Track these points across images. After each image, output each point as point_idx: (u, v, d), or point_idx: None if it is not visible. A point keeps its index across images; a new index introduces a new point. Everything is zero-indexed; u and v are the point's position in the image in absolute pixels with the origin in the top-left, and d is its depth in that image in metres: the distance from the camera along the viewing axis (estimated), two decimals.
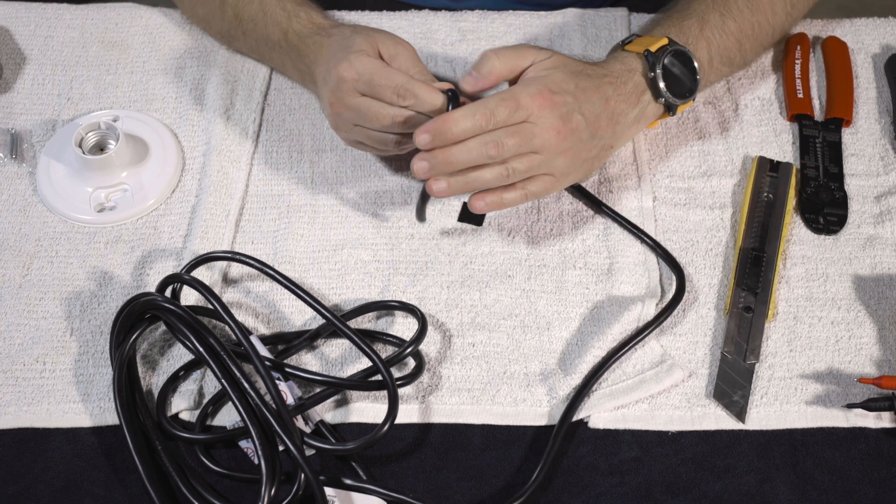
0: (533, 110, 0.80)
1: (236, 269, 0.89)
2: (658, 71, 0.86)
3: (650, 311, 0.86)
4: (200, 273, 0.86)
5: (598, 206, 0.92)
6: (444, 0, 1.09)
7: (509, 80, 0.86)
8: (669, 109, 0.89)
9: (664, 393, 0.82)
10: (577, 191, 0.92)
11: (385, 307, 0.86)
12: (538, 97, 0.81)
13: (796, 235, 0.91)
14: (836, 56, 1.01)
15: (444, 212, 0.92)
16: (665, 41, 0.87)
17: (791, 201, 0.91)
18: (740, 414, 0.80)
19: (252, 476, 0.76)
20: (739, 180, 0.94)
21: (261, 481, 0.72)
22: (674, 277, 0.87)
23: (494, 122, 0.80)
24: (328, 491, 0.74)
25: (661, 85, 0.86)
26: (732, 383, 0.82)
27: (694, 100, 0.90)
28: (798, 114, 0.98)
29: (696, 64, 0.89)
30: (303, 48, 0.92)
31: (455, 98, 0.83)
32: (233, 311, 0.82)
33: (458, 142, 0.80)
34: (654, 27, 0.92)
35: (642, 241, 0.90)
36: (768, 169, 0.93)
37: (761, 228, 0.89)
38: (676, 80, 0.88)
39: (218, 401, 0.81)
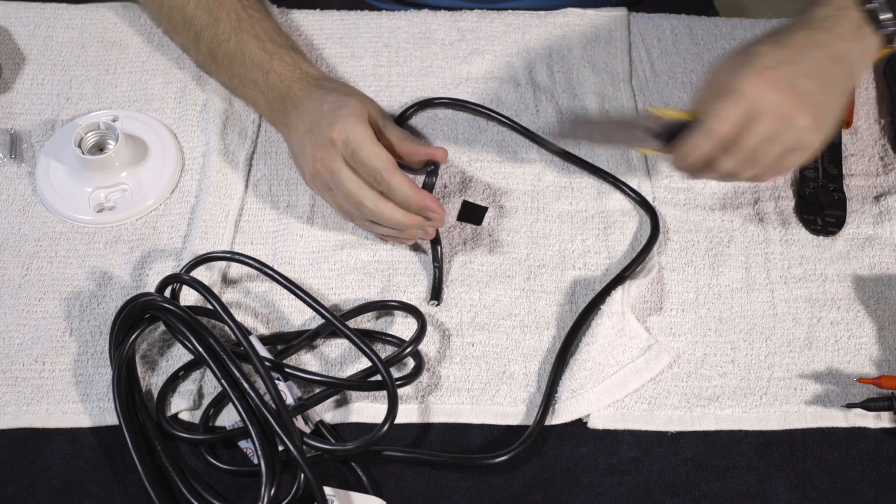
0: (756, 96, 0.77)
1: (236, 270, 0.89)
2: (875, 3, 0.80)
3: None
4: (200, 273, 0.86)
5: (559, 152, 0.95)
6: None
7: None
8: (891, 41, 0.82)
9: (664, 393, 0.82)
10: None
11: (384, 307, 0.86)
12: (757, 80, 0.77)
13: (795, 236, 0.91)
14: None
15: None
16: None
17: None
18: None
19: (256, 469, 0.76)
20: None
21: (260, 481, 0.72)
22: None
23: (730, 129, 0.78)
24: (328, 490, 0.74)
25: (882, 13, 0.81)
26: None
27: None
28: None
29: None
30: (286, 91, 0.91)
31: (435, 172, 0.84)
32: (232, 311, 0.82)
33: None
34: None
35: (608, 182, 0.92)
36: None
37: None
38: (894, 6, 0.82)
39: (219, 402, 0.80)
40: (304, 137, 0.87)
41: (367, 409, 0.81)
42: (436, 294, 0.86)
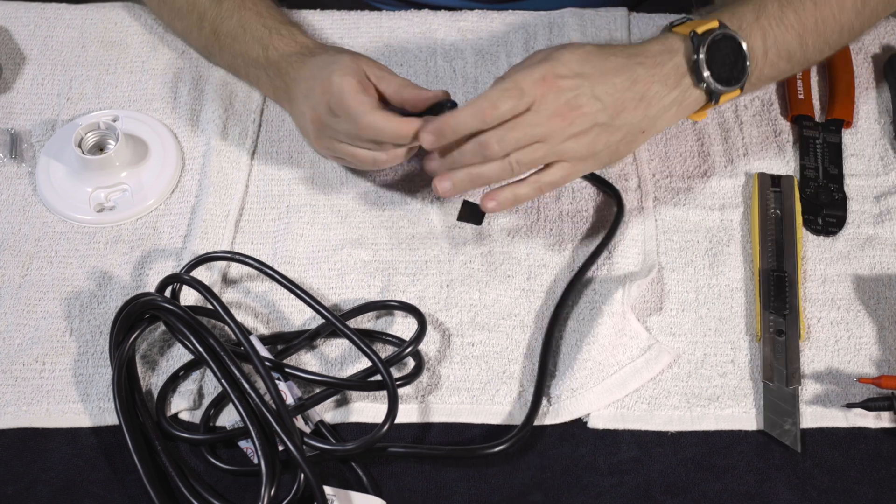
0: (536, 97, 0.78)
1: (236, 270, 0.89)
2: (701, 56, 0.81)
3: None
4: (200, 273, 0.86)
5: None
6: None
7: None
8: (711, 97, 0.83)
9: (664, 392, 0.82)
10: None
11: (384, 307, 0.86)
12: (541, 83, 0.79)
13: None
14: (838, 57, 1.01)
15: (444, 211, 0.92)
16: (715, 24, 0.83)
17: (799, 215, 0.90)
18: (795, 442, 0.79)
19: (256, 469, 0.76)
20: (739, 181, 0.94)
21: (260, 481, 0.72)
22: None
23: (498, 116, 0.78)
24: (328, 490, 0.74)
25: (704, 69, 0.82)
26: (780, 412, 0.80)
27: (742, 90, 0.84)
28: (798, 115, 0.98)
29: (746, 51, 0.83)
30: (283, 65, 0.91)
31: (454, 106, 0.83)
32: (232, 311, 0.82)
33: (462, 139, 0.80)
34: (708, 13, 0.87)
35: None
36: (770, 184, 0.92)
37: (776, 246, 0.88)
38: (722, 67, 0.83)
39: (220, 402, 0.80)
40: (303, 104, 0.88)
41: (368, 409, 0.81)
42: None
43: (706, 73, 0.82)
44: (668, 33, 0.85)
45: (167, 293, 0.83)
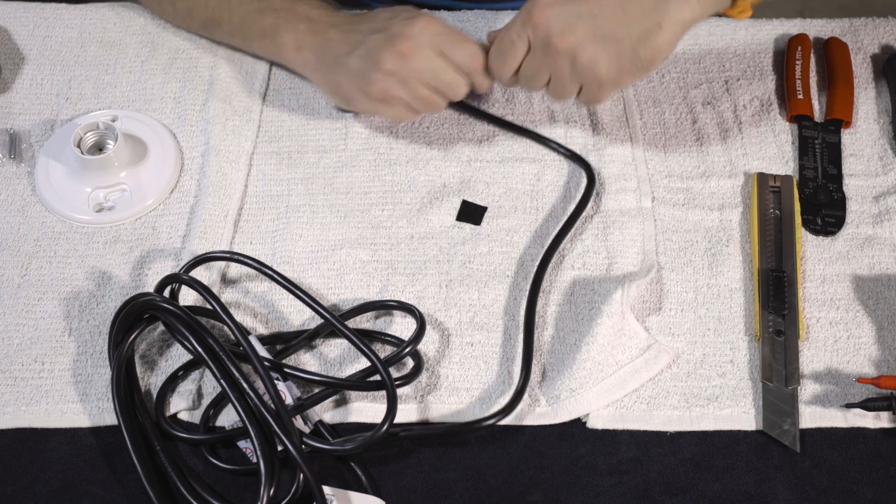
0: (528, 41, 0.84)
1: (235, 270, 0.89)
2: None
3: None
4: (199, 273, 0.86)
5: (487, 117, 0.98)
6: None
7: None
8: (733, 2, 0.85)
9: (663, 393, 0.82)
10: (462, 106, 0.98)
11: (383, 307, 0.86)
12: (544, 8, 0.82)
13: None
14: (838, 58, 1.01)
15: (443, 211, 0.92)
16: None
17: (798, 215, 0.90)
18: (794, 442, 0.79)
19: (255, 468, 0.76)
20: (738, 181, 0.94)
21: (260, 481, 0.72)
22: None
23: (511, 69, 0.86)
24: (327, 490, 0.74)
25: None
26: (779, 412, 0.80)
27: None
28: (798, 115, 0.98)
29: None
30: (320, 16, 0.93)
31: None
32: (231, 311, 0.82)
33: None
34: None
35: (543, 144, 0.96)
36: (769, 184, 0.92)
37: (775, 246, 0.88)
38: None
39: (219, 402, 0.80)
40: (373, 35, 0.89)
41: (367, 409, 0.81)
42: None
43: None
44: None
45: (166, 293, 0.83)
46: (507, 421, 0.81)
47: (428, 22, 0.88)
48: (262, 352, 0.80)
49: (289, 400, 0.78)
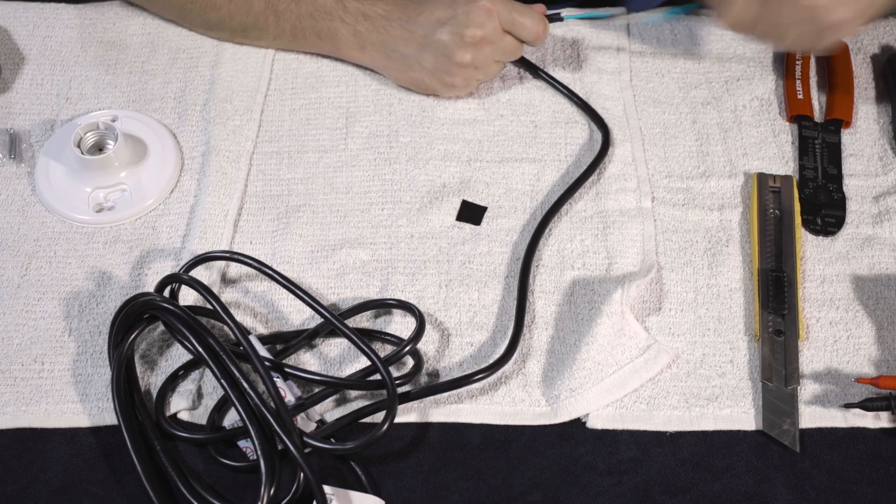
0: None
1: (235, 269, 0.89)
2: None
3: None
4: (199, 273, 0.86)
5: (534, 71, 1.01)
6: None
7: None
8: None
9: (663, 393, 0.82)
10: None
11: (383, 306, 0.86)
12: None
13: None
14: (838, 58, 1.01)
15: (442, 211, 0.92)
16: None
17: (798, 215, 0.90)
18: (793, 442, 0.79)
19: (255, 465, 0.76)
20: (738, 181, 0.94)
21: (260, 481, 0.72)
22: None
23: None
24: (327, 489, 0.74)
25: None
26: (779, 412, 0.80)
27: None
28: (798, 115, 0.98)
29: None
30: (371, 14, 0.95)
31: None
32: (231, 310, 0.82)
33: None
34: None
35: (568, 98, 0.99)
36: (769, 185, 0.92)
37: (775, 247, 0.88)
38: None
39: (224, 404, 0.80)
40: (439, 30, 0.93)
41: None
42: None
43: None
44: None
45: (166, 293, 0.83)
46: (506, 421, 0.81)
47: (488, 3, 0.91)
48: (263, 351, 0.80)
49: (289, 399, 0.78)
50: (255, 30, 1.00)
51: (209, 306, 0.81)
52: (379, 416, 0.77)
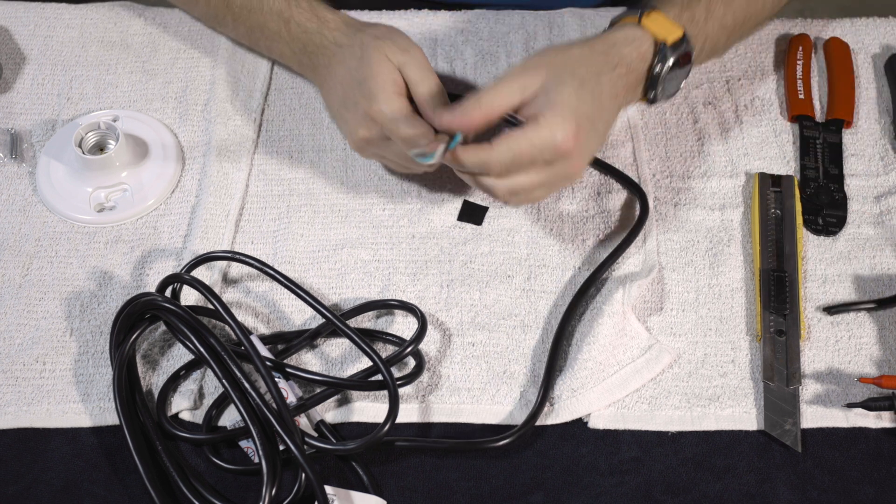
0: (565, 149, 0.78)
1: (236, 269, 0.89)
2: (664, 70, 0.83)
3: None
4: (200, 273, 0.86)
5: None
6: None
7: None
8: (651, 102, 0.87)
9: (664, 393, 0.82)
10: None
11: (385, 306, 0.86)
12: (573, 137, 0.77)
13: None
14: (839, 57, 1.01)
15: (444, 211, 0.92)
16: (680, 34, 0.84)
17: (799, 215, 0.90)
18: (795, 442, 0.79)
19: (257, 468, 0.76)
20: (739, 181, 0.94)
21: (261, 481, 0.72)
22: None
23: (533, 161, 0.79)
24: (328, 490, 0.74)
25: (661, 84, 0.85)
26: (780, 412, 0.80)
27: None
28: (799, 114, 0.98)
29: (691, 64, 0.86)
30: (309, 45, 0.91)
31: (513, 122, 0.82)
32: (233, 310, 0.82)
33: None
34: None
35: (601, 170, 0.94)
36: (770, 184, 0.92)
37: (776, 246, 0.88)
38: (673, 82, 0.86)
39: (222, 402, 0.80)
40: (342, 110, 0.87)
41: (368, 409, 0.81)
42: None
43: (660, 89, 0.86)
44: (638, 29, 0.85)
45: (168, 293, 0.83)
46: (507, 421, 0.81)
47: (369, 120, 0.83)
48: (264, 351, 0.80)
49: (291, 399, 0.78)
50: (214, 20, 1.00)
51: (211, 306, 0.81)
52: (381, 416, 0.77)
